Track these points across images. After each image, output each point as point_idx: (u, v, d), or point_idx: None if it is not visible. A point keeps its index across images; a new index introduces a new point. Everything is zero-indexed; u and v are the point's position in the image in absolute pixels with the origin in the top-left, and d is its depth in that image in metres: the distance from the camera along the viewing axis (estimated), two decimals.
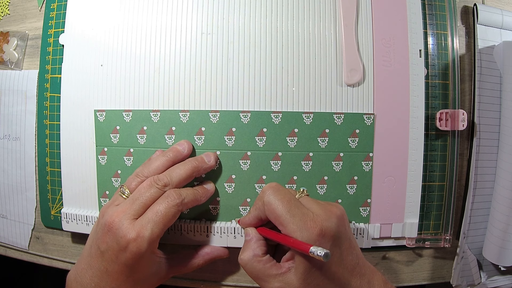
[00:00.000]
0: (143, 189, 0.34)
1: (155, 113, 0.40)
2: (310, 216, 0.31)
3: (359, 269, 0.32)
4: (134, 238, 0.31)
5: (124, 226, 0.32)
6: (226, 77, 0.40)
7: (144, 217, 0.33)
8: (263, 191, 0.34)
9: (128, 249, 0.31)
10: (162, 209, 0.33)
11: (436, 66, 0.41)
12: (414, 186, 0.40)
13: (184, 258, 0.38)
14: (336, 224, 0.32)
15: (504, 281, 0.44)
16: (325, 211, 0.32)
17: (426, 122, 0.41)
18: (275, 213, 0.32)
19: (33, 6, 0.47)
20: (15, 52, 0.46)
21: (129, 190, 0.35)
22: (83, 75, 0.42)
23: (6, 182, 0.47)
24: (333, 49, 0.40)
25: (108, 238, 0.32)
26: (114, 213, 0.33)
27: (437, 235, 0.42)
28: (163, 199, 0.34)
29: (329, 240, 0.31)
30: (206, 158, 0.38)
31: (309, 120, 0.39)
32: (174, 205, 0.34)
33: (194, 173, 0.37)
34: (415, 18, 0.40)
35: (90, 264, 0.33)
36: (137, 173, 0.36)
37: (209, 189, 0.39)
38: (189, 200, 0.35)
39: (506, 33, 0.43)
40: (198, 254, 0.39)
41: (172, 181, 0.35)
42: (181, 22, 0.41)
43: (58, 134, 0.43)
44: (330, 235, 0.31)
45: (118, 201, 0.35)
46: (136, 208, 0.33)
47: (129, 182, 0.36)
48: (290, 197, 0.33)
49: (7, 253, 0.49)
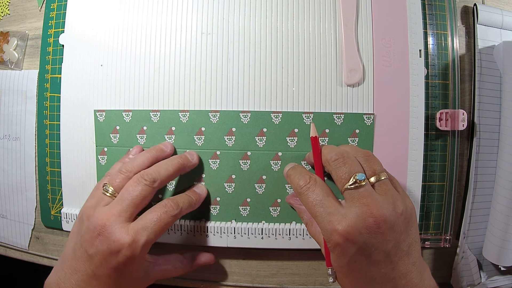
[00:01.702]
0: (131, 187, 0.33)
1: (155, 113, 0.40)
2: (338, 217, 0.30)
3: (393, 285, 0.30)
4: (129, 243, 0.31)
5: (117, 230, 0.31)
6: (226, 77, 0.40)
7: (139, 222, 0.32)
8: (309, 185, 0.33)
9: (120, 253, 0.31)
10: (159, 218, 0.33)
11: (436, 66, 0.41)
12: (414, 186, 0.40)
13: (170, 262, 0.38)
14: (367, 234, 0.29)
15: (504, 281, 0.44)
16: (364, 218, 0.30)
17: (426, 122, 0.41)
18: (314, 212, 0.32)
19: (33, 6, 0.47)
20: (15, 52, 0.46)
21: (113, 188, 0.34)
22: (83, 75, 0.42)
23: (6, 182, 0.47)
24: (333, 49, 0.40)
25: (98, 241, 0.31)
26: (105, 216, 0.32)
27: (437, 235, 0.42)
28: (160, 208, 0.33)
29: (353, 245, 0.30)
30: (190, 156, 0.38)
31: (309, 120, 0.39)
32: (172, 215, 0.33)
33: (180, 170, 0.37)
34: (415, 18, 0.40)
35: (76, 268, 0.32)
36: (120, 170, 0.35)
37: (201, 193, 0.39)
38: (185, 209, 0.36)
39: (506, 33, 0.43)
40: (185, 259, 0.39)
41: (161, 176, 0.34)
42: (181, 22, 0.41)
43: (58, 134, 0.43)
44: (355, 240, 0.29)
45: (105, 200, 0.34)
46: (126, 209, 0.32)
47: (113, 179, 0.34)
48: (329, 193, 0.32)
49: (7, 253, 0.49)
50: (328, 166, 0.33)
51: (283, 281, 0.43)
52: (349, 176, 0.31)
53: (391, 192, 0.32)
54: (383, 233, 0.30)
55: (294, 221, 0.40)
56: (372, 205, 0.30)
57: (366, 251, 0.30)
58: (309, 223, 0.37)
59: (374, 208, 0.30)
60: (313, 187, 0.33)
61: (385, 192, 0.32)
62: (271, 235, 0.40)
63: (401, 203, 0.31)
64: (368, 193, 0.31)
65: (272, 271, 0.43)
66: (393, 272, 0.30)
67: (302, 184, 0.33)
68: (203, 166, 0.40)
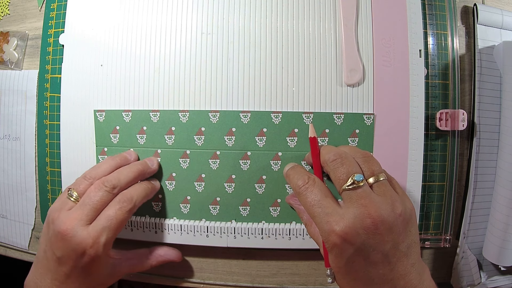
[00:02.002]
0: (92, 192, 0.35)
1: (155, 113, 0.40)
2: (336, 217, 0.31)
3: (392, 285, 0.30)
4: (91, 245, 0.32)
5: (78, 233, 0.33)
6: (226, 77, 0.40)
7: (98, 223, 0.34)
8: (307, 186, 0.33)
9: (85, 255, 0.33)
10: (114, 215, 0.34)
11: (436, 66, 0.41)
12: (414, 186, 0.40)
13: (138, 257, 0.39)
14: (365, 235, 0.30)
15: (504, 281, 0.44)
16: (362, 219, 0.30)
17: (426, 122, 0.41)
18: (313, 213, 0.32)
19: (33, 6, 0.47)
20: (15, 52, 0.46)
21: (77, 193, 0.35)
22: (83, 75, 0.42)
23: (6, 182, 0.47)
24: (333, 49, 0.40)
25: (63, 245, 0.33)
26: (67, 220, 0.33)
27: (437, 235, 0.42)
28: (115, 204, 0.35)
29: (350, 246, 0.30)
30: (150, 162, 0.40)
31: (309, 120, 0.39)
32: (127, 211, 0.35)
33: (140, 176, 0.38)
34: (415, 18, 0.40)
35: (48, 268, 0.34)
36: (85, 176, 0.37)
37: (155, 182, 0.40)
38: (140, 201, 0.37)
39: (506, 33, 0.43)
40: (152, 255, 0.40)
41: (120, 182, 0.36)
42: (181, 22, 0.41)
43: (58, 134, 0.43)
44: (352, 241, 0.30)
45: (68, 205, 0.35)
46: (87, 213, 0.34)
47: (77, 185, 0.36)
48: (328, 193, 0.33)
49: (7, 253, 0.49)
50: (326, 166, 0.34)
51: (283, 281, 0.43)
52: (347, 177, 0.31)
53: (390, 193, 0.32)
54: (381, 234, 0.30)
55: (294, 221, 0.40)
56: (370, 206, 0.30)
57: (364, 252, 0.30)
58: (308, 224, 0.37)
59: (372, 209, 0.30)
60: (312, 187, 0.33)
61: (383, 193, 0.32)
62: (271, 235, 0.40)
63: (400, 204, 0.31)
64: (366, 193, 0.31)
65: (272, 271, 0.43)
66: (392, 273, 0.30)
67: (301, 184, 0.33)
68: (202, 166, 0.40)
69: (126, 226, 0.40)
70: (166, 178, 0.40)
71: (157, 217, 0.41)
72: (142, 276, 0.44)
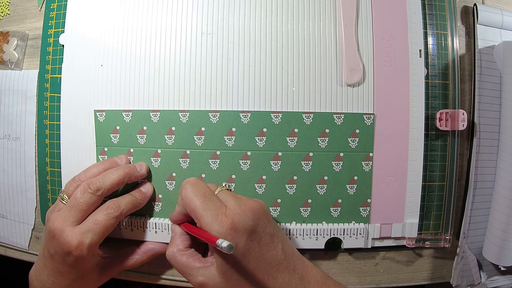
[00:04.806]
0: (78, 194, 0.36)
1: (155, 113, 0.40)
2: (222, 210, 0.32)
3: (286, 264, 0.32)
4: (76, 245, 0.34)
5: (65, 233, 0.34)
6: (226, 77, 0.40)
7: (85, 225, 0.35)
8: (181, 186, 0.35)
9: (71, 254, 0.34)
10: (101, 220, 0.35)
11: (436, 66, 0.41)
12: (414, 186, 0.40)
13: (127, 255, 0.40)
14: (252, 218, 0.32)
15: (504, 281, 0.44)
16: (241, 205, 0.32)
17: (426, 122, 0.41)
18: (191, 207, 0.33)
19: (33, 6, 0.47)
20: (15, 52, 0.46)
21: (67, 195, 0.37)
22: (83, 75, 0.42)
23: (6, 182, 0.47)
24: (333, 49, 0.40)
25: (53, 243, 0.35)
26: (56, 220, 0.35)
27: (437, 235, 0.42)
28: (103, 210, 0.36)
29: (243, 234, 0.31)
30: (138, 167, 0.40)
31: (309, 120, 0.39)
32: (114, 217, 0.36)
33: (125, 179, 0.38)
34: (415, 18, 0.40)
35: (45, 264, 0.36)
36: (74, 178, 0.38)
37: (146, 191, 0.40)
38: (128, 209, 0.37)
39: (506, 33, 0.43)
40: (141, 250, 0.40)
41: (105, 185, 0.36)
42: (181, 22, 0.41)
43: (58, 134, 0.43)
44: (243, 229, 0.31)
45: (59, 207, 0.37)
46: (73, 214, 0.35)
47: (67, 188, 0.37)
48: (206, 191, 0.33)
49: (7, 253, 0.49)
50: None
51: None
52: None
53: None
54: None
55: (294, 221, 0.40)
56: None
57: (255, 236, 0.32)
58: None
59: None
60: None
61: (232, 195, 0.35)
62: None
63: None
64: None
65: None
66: (284, 253, 0.33)
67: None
68: (202, 166, 0.40)
69: (126, 226, 0.40)
70: (166, 178, 0.40)
71: (157, 217, 0.41)
72: (143, 276, 0.44)
